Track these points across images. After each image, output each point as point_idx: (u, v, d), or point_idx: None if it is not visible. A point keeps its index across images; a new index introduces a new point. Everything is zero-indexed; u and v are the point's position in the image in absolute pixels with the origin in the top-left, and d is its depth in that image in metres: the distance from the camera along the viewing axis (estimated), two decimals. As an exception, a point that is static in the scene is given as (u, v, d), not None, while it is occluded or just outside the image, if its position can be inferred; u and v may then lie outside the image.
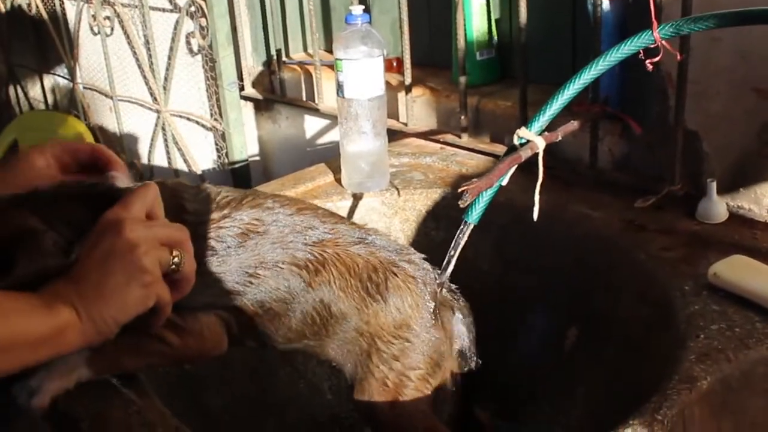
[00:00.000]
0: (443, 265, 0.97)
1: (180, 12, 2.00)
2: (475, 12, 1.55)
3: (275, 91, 1.93)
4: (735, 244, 1.06)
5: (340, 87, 1.28)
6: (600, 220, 1.16)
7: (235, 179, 2.03)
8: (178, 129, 2.17)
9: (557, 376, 1.13)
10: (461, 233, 0.97)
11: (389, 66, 1.69)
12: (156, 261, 0.75)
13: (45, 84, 2.78)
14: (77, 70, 2.51)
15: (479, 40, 1.57)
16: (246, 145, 2.02)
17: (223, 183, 1.87)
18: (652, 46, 0.90)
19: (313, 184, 1.38)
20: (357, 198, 1.34)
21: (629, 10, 1.23)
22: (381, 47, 1.27)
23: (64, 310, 0.71)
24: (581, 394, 1.07)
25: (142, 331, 0.81)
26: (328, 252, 0.90)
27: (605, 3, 1.22)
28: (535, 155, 0.96)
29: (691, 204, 1.15)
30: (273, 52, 1.92)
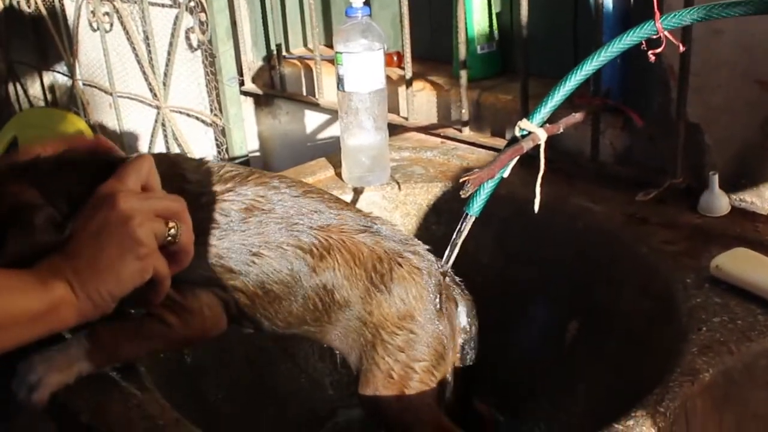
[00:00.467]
0: (446, 253, 0.96)
1: (179, 7, 1.99)
2: (476, 6, 1.54)
3: (275, 86, 1.93)
4: (737, 236, 1.06)
5: (340, 80, 1.28)
6: (601, 213, 1.16)
7: (236, 175, 2.02)
8: (177, 125, 2.17)
9: (558, 370, 1.12)
10: (462, 225, 0.96)
11: (390, 60, 1.68)
12: (151, 233, 0.74)
13: (44, 81, 2.78)
14: (76, 66, 2.50)
15: (480, 33, 1.56)
16: (246, 141, 2.01)
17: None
18: (654, 37, 0.89)
19: (314, 178, 1.38)
20: (358, 192, 1.33)
21: (631, 2, 1.22)
22: (381, 40, 1.27)
23: (58, 285, 0.70)
24: (582, 389, 1.07)
25: (141, 305, 0.79)
26: (333, 238, 0.89)
27: (607, -5, 1.22)
28: (537, 147, 0.96)
29: (693, 197, 1.14)
30: (273, 46, 1.91)
